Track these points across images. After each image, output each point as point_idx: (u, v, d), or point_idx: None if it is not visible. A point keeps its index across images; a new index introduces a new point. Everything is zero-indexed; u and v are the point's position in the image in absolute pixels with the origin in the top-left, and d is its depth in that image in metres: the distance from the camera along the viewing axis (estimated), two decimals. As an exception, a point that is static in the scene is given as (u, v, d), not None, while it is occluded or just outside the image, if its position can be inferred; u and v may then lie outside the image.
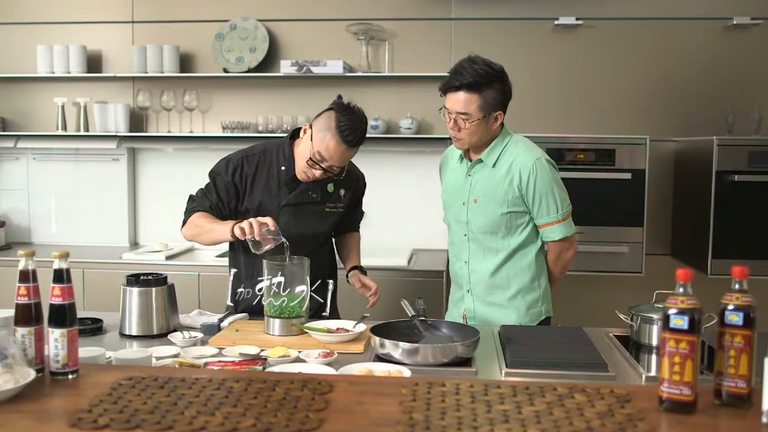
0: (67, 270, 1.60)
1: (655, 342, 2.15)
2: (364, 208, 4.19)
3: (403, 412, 1.40)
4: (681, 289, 1.44)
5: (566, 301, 2.65)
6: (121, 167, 4.29)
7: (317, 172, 2.43)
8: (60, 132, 4.17)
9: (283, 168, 2.52)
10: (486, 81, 2.34)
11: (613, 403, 1.46)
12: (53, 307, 1.58)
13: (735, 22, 3.88)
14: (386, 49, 4.11)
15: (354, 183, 2.68)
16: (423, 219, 4.20)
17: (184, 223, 2.54)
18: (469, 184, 2.48)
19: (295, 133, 2.56)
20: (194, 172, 3.02)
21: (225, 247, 3.38)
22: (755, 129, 3.73)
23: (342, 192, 2.63)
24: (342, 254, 2.80)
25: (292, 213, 2.52)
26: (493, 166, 2.43)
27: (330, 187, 2.59)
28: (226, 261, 2.83)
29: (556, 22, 3.98)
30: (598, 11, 4.00)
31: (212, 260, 3.81)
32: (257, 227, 2.26)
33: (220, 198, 2.52)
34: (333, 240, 2.79)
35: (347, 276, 2.69)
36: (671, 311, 1.43)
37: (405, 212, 4.22)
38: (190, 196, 2.58)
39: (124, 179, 4.29)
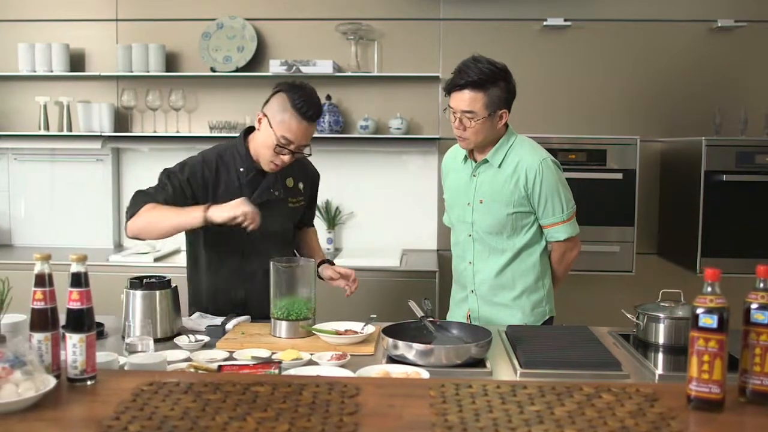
0: (85, 273, 1.56)
1: (661, 340, 2.17)
2: (353, 208, 4.23)
3: (436, 414, 1.40)
4: (709, 289, 1.45)
5: (558, 300, 2.69)
6: (106, 168, 4.21)
7: (286, 157, 2.40)
8: (42, 132, 4.08)
9: (242, 169, 2.46)
10: (491, 79, 2.34)
11: (642, 402, 1.47)
12: (71, 312, 1.54)
13: (719, 24, 3.93)
14: (375, 49, 4.10)
15: (311, 177, 2.68)
16: (412, 219, 4.20)
17: (133, 215, 2.36)
18: (474, 184, 2.48)
19: (248, 131, 2.52)
20: (180, 172, 2.97)
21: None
22: (741, 129, 3.80)
23: (301, 186, 2.61)
24: (305, 250, 2.76)
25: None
26: (499, 166, 2.43)
27: (290, 182, 2.56)
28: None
29: (544, 23, 4.00)
30: (586, 12, 4.03)
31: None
32: (251, 217, 2.24)
33: (176, 195, 2.39)
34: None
35: (317, 272, 2.61)
36: (700, 310, 1.44)
37: (394, 213, 4.21)
38: (137, 192, 2.43)
39: (109, 180, 4.22)
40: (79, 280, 1.55)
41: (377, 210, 4.22)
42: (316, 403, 1.44)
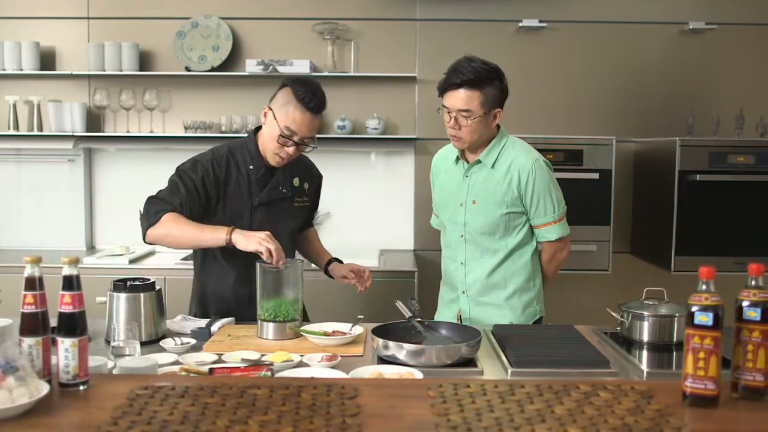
0: (77, 277, 1.53)
1: (646, 338, 2.20)
2: (330, 208, 4.21)
3: (438, 414, 1.39)
4: (704, 287, 1.48)
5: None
6: (78, 168, 4.14)
7: (290, 149, 2.40)
8: (12, 132, 3.99)
9: (251, 167, 2.48)
10: (486, 78, 2.36)
11: (639, 400, 1.49)
12: (63, 316, 1.51)
13: (691, 27, 4.01)
14: (352, 49, 4.09)
15: (316, 177, 2.71)
16: (389, 220, 4.20)
17: (152, 224, 2.34)
18: (466, 185, 2.48)
19: (258, 129, 2.52)
20: (154, 173, 2.90)
21: (189, 250, 3.30)
22: (713, 130, 3.87)
23: (306, 186, 2.63)
24: (309, 250, 2.77)
25: (266, 211, 2.49)
26: (492, 166, 2.44)
27: (296, 182, 2.58)
28: (190, 264, 2.76)
29: (519, 24, 4.03)
30: (561, 14, 4.07)
31: (176, 264, 3.72)
32: (276, 255, 2.21)
33: (190, 196, 2.38)
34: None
35: (327, 271, 2.66)
36: (695, 308, 1.46)
37: (371, 213, 4.21)
38: (150, 198, 2.40)
39: (81, 181, 4.14)
40: (71, 283, 1.52)
41: (354, 210, 4.21)
42: (317, 405, 1.43)
